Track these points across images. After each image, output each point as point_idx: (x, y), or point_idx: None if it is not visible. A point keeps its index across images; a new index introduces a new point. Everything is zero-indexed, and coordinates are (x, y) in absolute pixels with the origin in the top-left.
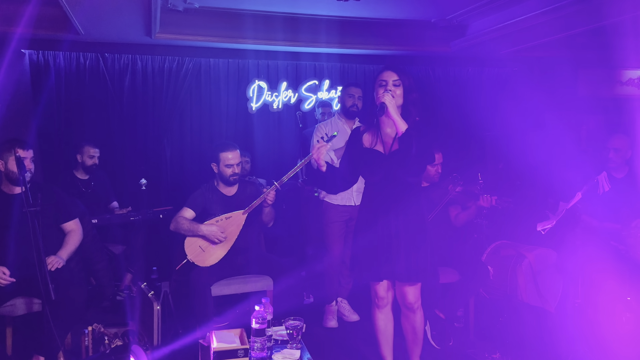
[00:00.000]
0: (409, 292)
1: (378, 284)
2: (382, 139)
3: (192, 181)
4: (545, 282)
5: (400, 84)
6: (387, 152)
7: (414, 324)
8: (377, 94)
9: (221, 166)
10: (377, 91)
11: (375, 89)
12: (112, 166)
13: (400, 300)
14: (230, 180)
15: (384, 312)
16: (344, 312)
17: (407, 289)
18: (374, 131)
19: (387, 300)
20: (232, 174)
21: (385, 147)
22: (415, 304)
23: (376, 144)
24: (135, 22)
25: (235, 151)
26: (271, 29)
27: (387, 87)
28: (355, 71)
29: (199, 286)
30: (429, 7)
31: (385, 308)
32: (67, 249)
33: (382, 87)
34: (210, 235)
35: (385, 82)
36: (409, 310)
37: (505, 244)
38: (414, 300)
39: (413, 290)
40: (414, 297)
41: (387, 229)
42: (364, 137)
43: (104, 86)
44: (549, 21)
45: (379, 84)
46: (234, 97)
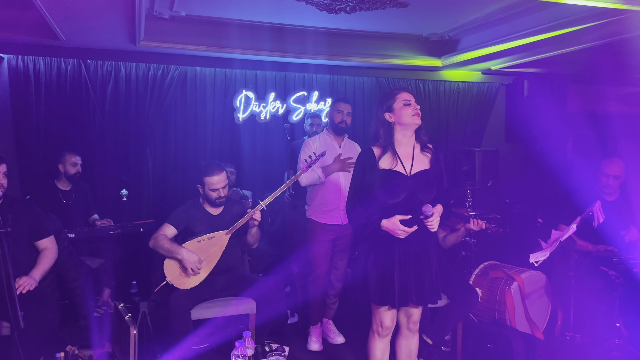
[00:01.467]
0: (416, 312)
1: (385, 313)
2: (400, 160)
3: (175, 193)
4: (534, 306)
5: None
6: (409, 174)
7: (411, 346)
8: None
9: (206, 190)
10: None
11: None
12: (92, 176)
13: (404, 322)
14: (217, 203)
15: (384, 342)
16: (329, 334)
17: (415, 310)
18: (390, 152)
19: (390, 330)
20: (217, 197)
21: (407, 167)
22: (417, 324)
23: (395, 165)
24: (119, 28)
25: (220, 174)
26: (259, 39)
27: (414, 106)
28: (344, 83)
29: (178, 310)
30: (420, 21)
31: (387, 337)
32: (41, 269)
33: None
34: (188, 263)
35: (410, 102)
36: (410, 332)
37: (494, 265)
38: (418, 319)
39: (419, 311)
40: (418, 317)
41: (407, 254)
42: (380, 160)
43: (86, 94)
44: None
45: (403, 103)
46: (220, 107)
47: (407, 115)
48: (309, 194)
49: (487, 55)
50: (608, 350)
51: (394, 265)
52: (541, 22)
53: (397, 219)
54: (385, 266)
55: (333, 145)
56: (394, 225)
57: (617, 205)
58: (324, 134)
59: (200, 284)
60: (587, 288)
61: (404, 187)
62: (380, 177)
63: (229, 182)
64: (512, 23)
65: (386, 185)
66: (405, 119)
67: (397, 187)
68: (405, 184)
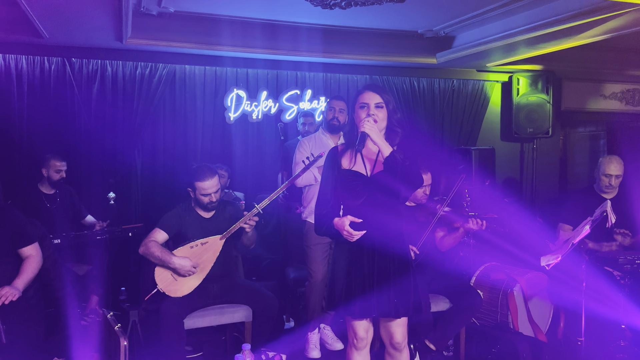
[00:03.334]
0: (397, 331)
1: (357, 323)
2: (363, 160)
3: (165, 196)
4: (536, 308)
5: (383, 106)
6: (369, 174)
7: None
8: (358, 118)
9: (197, 194)
10: (357, 114)
11: (355, 111)
12: (78, 179)
13: (386, 339)
14: (209, 208)
15: (362, 355)
16: (327, 340)
17: (395, 327)
18: (351, 151)
19: (366, 341)
20: (209, 202)
21: (368, 168)
22: (403, 342)
23: (355, 164)
24: (105, 25)
25: (212, 179)
26: (250, 36)
27: (369, 110)
28: (338, 81)
29: (170, 319)
30: (415, 17)
31: (364, 350)
32: (24, 278)
33: (363, 110)
34: (181, 271)
35: (366, 105)
36: (395, 350)
37: (495, 266)
38: (401, 339)
39: (401, 328)
40: (401, 336)
41: (371, 260)
42: (342, 157)
43: (71, 93)
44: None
45: (359, 105)
46: (210, 106)
47: (359, 119)
48: (304, 196)
49: (483, 52)
50: (613, 352)
51: (358, 274)
52: (538, 18)
53: (348, 219)
54: (350, 274)
55: (329, 144)
56: (342, 225)
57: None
58: (320, 134)
59: (193, 291)
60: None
61: (362, 188)
62: (341, 177)
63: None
64: (509, 19)
65: (346, 186)
66: (358, 122)
67: (356, 187)
68: (365, 185)
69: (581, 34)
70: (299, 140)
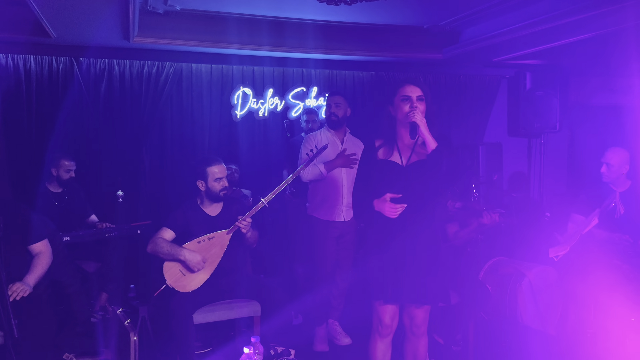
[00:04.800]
0: (419, 315)
1: (384, 310)
2: (399, 150)
3: (173, 193)
4: (546, 302)
5: (424, 99)
6: (404, 164)
7: (417, 350)
8: (402, 110)
9: (210, 182)
10: (398, 107)
11: (394, 103)
12: (87, 177)
13: (407, 323)
14: (221, 196)
15: (385, 342)
16: (335, 335)
17: (418, 312)
18: (389, 143)
19: (391, 329)
20: (222, 188)
21: (403, 158)
22: (423, 327)
23: (392, 155)
24: (112, 24)
25: (221, 164)
26: (256, 34)
27: (412, 103)
28: (344, 78)
29: (180, 314)
30: (421, 12)
31: (388, 337)
32: (35, 274)
33: (406, 103)
34: (191, 263)
35: (408, 98)
36: (414, 335)
37: (503, 261)
38: (422, 323)
39: (423, 313)
40: (422, 321)
41: (403, 247)
42: (379, 151)
43: (79, 92)
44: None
45: (401, 98)
46: (217, 104)
47: (402, 113)
48: (310, 191)
49: (489, 46)
50: (624, 345)
51: (391, 260)
52: (545, 11)
53: (388, 197)
54: (384, 260)
55: (334, 140)
56: (383, 203)
57: (628, 196)
58: (324, 130)
59: (202, 286)
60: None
61: (398, 177)
62: (377, 167)
63: (233, 180)
64: (515, 13)
65: (382, 176)
66: (400, 115)
67: (392, 177)
68: (400, 173)
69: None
70: (304, 137)
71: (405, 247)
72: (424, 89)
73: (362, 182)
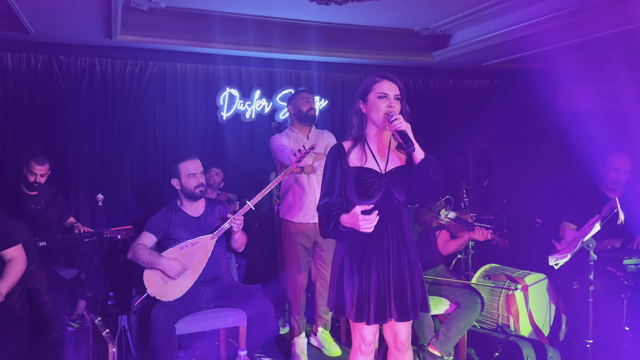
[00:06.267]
0: (403, 331)
1: (366, 328)
2: (374, 156)
3: (155, 197)
4: (538, 310)
5: (400, 99)
6: (383, 171)
7: None
8: (377, 109)
9: (183, 179)
10: (374, 105)
11: (369, 101)
12: (66, 179)
13: (391, 340)
14: (197, 193)
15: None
16: (324, 345)
17: (400, 327)
18: (360, 146)
19: (374, 346)
20: (197, 184)
21: (381, 164)
22: (408, 342)
23: (366, 162)
24: (94, 21)
25: (195, 160)
26: (244, 33)
27: (389, 102)
28: (332, 79)
29: (161, 324)
30: (412, 15)
31: (371, 355)
32: (8, 282)
33: (383, 101)
34: (170, 273)
35: (386, 95)
36: (399, 352)
37: (495, 268)
38: (405, 338)
39: (406, 327)
40: (407, 336)
41: (386, 259)
42: (350, 156)
43: (58, 92)
44: (531, 34)
45: (377, 95)
46: (202, 105)
47: (379, 111)
48: (281, 193)
49: (479, 51)
50: (617, 355)
51: (370, 276)
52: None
53: (358, 210)
54: (361, 277)
55: (300, 138)
56: (354, 218)
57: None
58: (289, 131)
59: (185, 295)
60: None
61: (378, 186)
62: (351, 176)
63: (213, 184)
64: (505, 17)
65: (358, 185)
66: (374, 114)
67: (371, 186)
68: (380, 182)
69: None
70: (272, 138)
71: (388, 260)
72: (400, 88)
73: (330, 191)
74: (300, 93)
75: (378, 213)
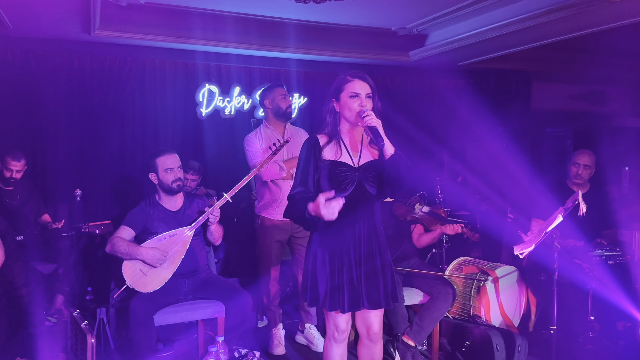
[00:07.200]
0: (375, 322)
1: (340, 316)
2: (348, 150)
3: (133, 193)
4: (508, 301)
5: (371, 97)
6: (356, 165)
7: (373, 355)
8: (349, 108)
9: (160, 173)
10: (346, 104)
11: (342, 100)
12: (43, 174)
13: (363, 330)
14: (174, 188)
15: (342, 347)
16: (312, 340)
17: (373, 318)
18: (335, 142)
19: (347, 334)
20: (175, 179)
21: (354, 158)
22: (379, 333)
23: (340, 156)
24: (73, 16)
25: (172, 154)
26: (222, 30)
27: (361, 101)
28: (311, 77)
29: (140, 315)
30: (389, 14)
31: (344, 342)
32: None
33: (354, 100)
34: (150, 261)
35: (357, 95)
36: (371, 341)
37: (467, 261)
38: (378, 329)
39: (378, 319)
40: (378, 326)
41: (357, 251)
42: (324, 150)
43: (36, 86)
44: (507, 34)
45: (348, 94)
46: (181, 101)
47: (351, 110)
48: (258, 190)
49: (454, 50)
50: (582, 343)
51: (343, 266)
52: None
53: (322, 198)
54: (334, 267)
55: (275, 135)
56: (317, 206)
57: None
58: (263, 129)
59: (164, 286)
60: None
61: (351, 179)
62: (325, 169)
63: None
64: (479, 18)
65: (332, 178)
66: (347, 113)
67: (344, 180)
68: (353, 176)
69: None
70: (246, 139)
71: (359, 250)
72: (372, 86)
73: (303, 181)
74: (278, 88)
75: (351, 205)
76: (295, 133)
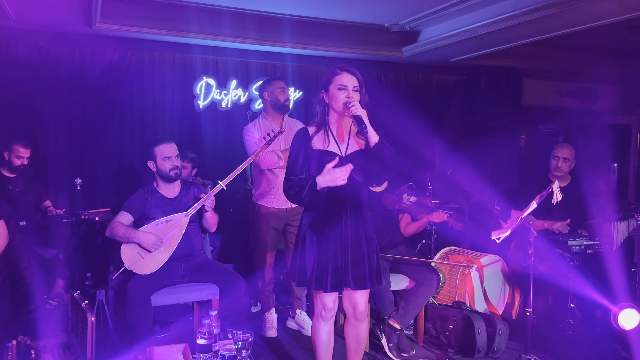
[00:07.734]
0: (361, 302)
1: (326, 295)
2: (336, 140)
3: (132, 182)
4: (493, 289)
5: (359, 90)
6: (344, 154)
7: (359, 333)
8: (337, 100)
9: (159, 161)
10: (335, 95)
11: (329, 91)
12: (44, 164)
13: (349, 309)
14: (172, 176)
15: (329, 325)
16: (303, 325)
17: (359, 299)
18: (323, 132)
19: (334, 312)
20: (172, 167)
21: (342, 148)
22: (365, 312)
23: (328, 146)
24: (74, 9)
25: (170, 144)
26: (219, 24)
27: (348, 93)
28: (307, 71)
29: (137, 296)
30: (382, 10)
31: (331, 320)
32: None
33: (342, 92)
34: (146, 245)
35: (345, 87)
36: (357, 320)
37: (454, 250)
38: (364, 309)
39: (364, 299)
40: (364, 306)
41: (344, 234)
42: (313, 139)
43: (38, 77)
44: (497, 31)
45: (336, 87)
46: (179, 94)
47: (338, 101)
48: (255, 178)
49: (446, 47)
50: (562, 330)
51: (329, 249)
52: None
53: (330, 165)
54: (321, 250)
55: (273, 126)
56: (330, 173)
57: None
58: (261, 120)
59: (161, 269)
60: (542, 270)
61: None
62: (314, 158)
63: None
64: (471, 14)
65: (320, 167)
66: (335, 104)
67: None
68: (341, 164)
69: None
70: (245, 129)
71: (349, 232)
72: (359, 79)
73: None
74: (277, 81)
75: (339, 193)
76: (292, 125)
